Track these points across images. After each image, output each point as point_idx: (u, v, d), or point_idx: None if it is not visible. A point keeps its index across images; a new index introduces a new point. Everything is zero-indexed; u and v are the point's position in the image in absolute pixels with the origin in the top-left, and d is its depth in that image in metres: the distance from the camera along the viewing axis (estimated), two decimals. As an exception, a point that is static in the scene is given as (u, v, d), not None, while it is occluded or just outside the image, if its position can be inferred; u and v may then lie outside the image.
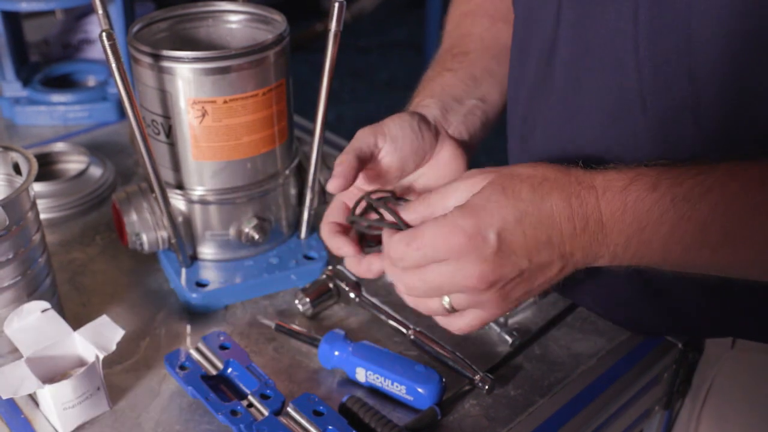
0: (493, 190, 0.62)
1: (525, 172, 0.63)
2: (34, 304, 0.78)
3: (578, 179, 0.61)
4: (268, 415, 0.72)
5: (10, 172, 0.84)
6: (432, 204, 0.67)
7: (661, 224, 0.59)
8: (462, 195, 0.65)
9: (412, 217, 0.69)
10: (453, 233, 0.61)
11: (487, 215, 0.61)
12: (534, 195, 0.61)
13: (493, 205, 0.61)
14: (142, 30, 0.89)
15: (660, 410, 0.90)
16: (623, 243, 0.61)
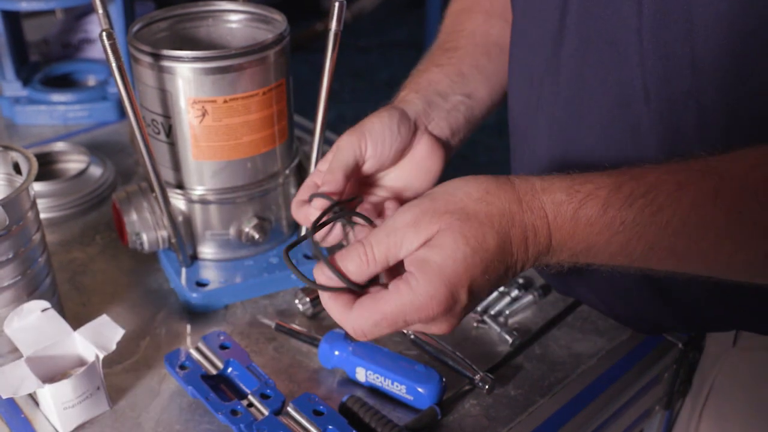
0: (455, 243, 0.57)
1: (480, 209, 0.58)
2: (34, 303, 0.78)
3: (530, 206, 0.59)
4: (268, 414, 0.72)
5: (10, 171, 0.84)
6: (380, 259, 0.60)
7: (609, 245, 0.59)
8: (411, 244, 0.59)
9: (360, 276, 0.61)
10: (426, 304, 0.57)
11: (456, 278, 0.57)
12: (497, 239, 0.58)
13: (461, 265, 0.57)
14: (142, 29, 0.89)
15: (660, 410, 0.90)
16: (568, 257, 0.61)
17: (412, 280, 0.57)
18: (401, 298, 0.57)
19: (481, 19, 0.92)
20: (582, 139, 0.76)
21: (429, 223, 0.58)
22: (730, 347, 0.84)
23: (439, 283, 0.57)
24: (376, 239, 0.59)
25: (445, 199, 0.59)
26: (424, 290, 0.57)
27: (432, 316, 0.58)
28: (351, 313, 0.59)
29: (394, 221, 0.59)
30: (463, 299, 0.58)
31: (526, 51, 0.82)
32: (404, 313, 0.58)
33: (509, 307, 0.89)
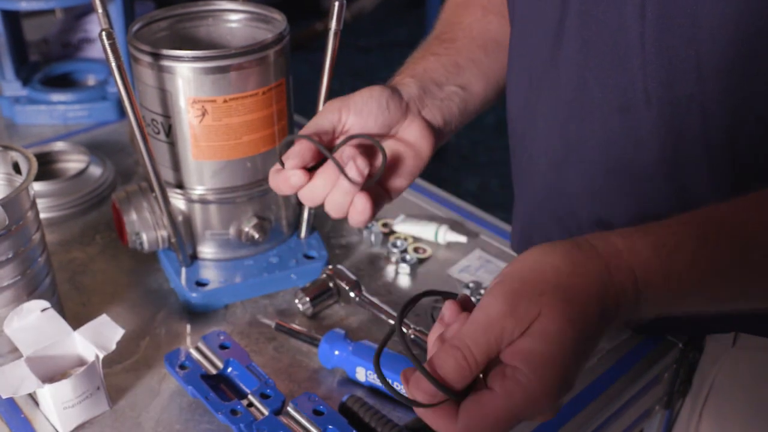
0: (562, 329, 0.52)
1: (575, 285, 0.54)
2: (34, 303, 0.78)
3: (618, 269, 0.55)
4: (268, 414, 0.72)
5: (9, 171, 0.84)
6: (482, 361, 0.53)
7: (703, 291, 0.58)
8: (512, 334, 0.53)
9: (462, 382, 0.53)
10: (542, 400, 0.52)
11: (570, 371, 0.53)
12: (598, 314, 0.54)
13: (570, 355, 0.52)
14: (142, 29, 0.89)
15: (660, 410, 0.90)
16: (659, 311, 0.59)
17: (520, 377, 0.52)
18: (513, 398, 0.52)
19: (479, 14, 0.92)
20: (582, 142, 0.76)
21: (528, 308, 0.52)
22: (730, 347, 0.84)
23: (551, 374, 0.52)
24: (473, 339, 0.52)
25: (535, 277, 0.54)
26: (538, 386, 0.51)
27: (545, 410, 0.53)
28: (457, 424, 0.53)
29: (487, 314, 0.53)
30: (572, 383, 0.54)
31: (524, 53, 0.82)
32: (518, 414, 0.52)
33: (509, 306, 0.89)
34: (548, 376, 0.51)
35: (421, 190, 1.13)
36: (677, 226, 0.58)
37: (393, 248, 0.98)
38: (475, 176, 3.14)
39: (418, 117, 0.81)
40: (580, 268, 0.54)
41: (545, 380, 0.51)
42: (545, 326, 0.52)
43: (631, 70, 0.69)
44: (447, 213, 1.08)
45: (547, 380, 0.51)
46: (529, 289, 0.53)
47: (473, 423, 0.52)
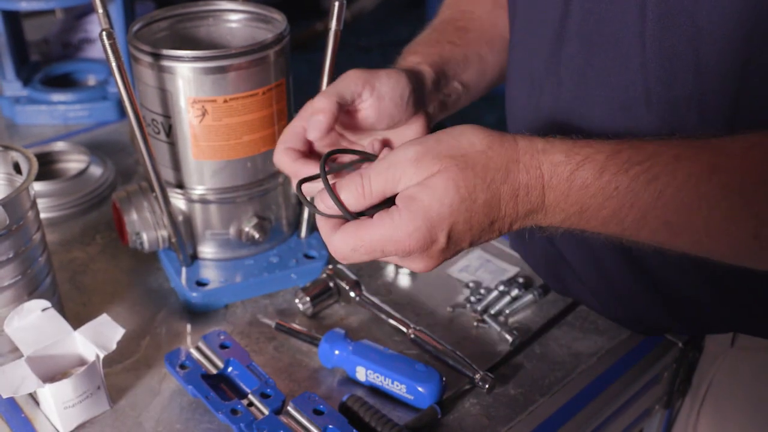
0: (446, 188, 0.59)
1: (478, 161, 0.59)
2: (35, 303, 0.78)
3: (526, 166, 0.60)
4: (268, 414, 0.72)
5: (10, 171, 0.84)
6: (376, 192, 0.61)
7: (602, 209, 0.59)
8: (410, 180, 0.60)
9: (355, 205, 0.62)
10: (403, 239, 0.59)
11: (438, 219, 0.59)
12: (486, 193, 0.59)
13: (446, 209, 0.59)
14: (142, 29, 0.89)
15: (660, 409, 0.90)
16: (560, 219, 0.61)
17: (395, 214, 0.59)
18: (382, 228, 0.59)
19: (489, 6, 0.93)
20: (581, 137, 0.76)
21: (430, 163, 0.59)
22: (729, 347, 0.84)
23: (420, 221, 0.58)
24: (376, 172, 0.60)
25: (449, 143, 0.60)
26: (404, 225, 0.59)
27: (408, 251, 0.60)
28: (334, 235, 0.61)
29: (396, 156, 0.60)
30: (442, 241, 0.60)
31: (526, 52, 0.82)
32: (382, 244, 0.60)
33: (509, 306, 0.89)
34: (418, 220, 0.58)
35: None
36: (597, 142, 0.60)
37: (393, 248, 0.98)
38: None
39: (422, 114, 0.82)
40: (491, 151, 0.60)
41: (413, 222, 0.58)
42: (435, 182, 0.59)
43: (632, 69, 0.69)
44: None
45: (414, 223, 0.58)
46: (439, 149, 0.60)
47: (346, 236, 0.61)
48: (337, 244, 0.61)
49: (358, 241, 0.60)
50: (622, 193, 0.58)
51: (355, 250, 0.61)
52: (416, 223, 0.59)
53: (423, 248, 0.60)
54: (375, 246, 0.60)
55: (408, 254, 0.61)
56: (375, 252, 0.61)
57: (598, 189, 0.59)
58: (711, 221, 0.58)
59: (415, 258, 0.61)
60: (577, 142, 0.60)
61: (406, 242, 0.59)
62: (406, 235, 0.59)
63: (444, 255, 0.62)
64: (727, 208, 0.57)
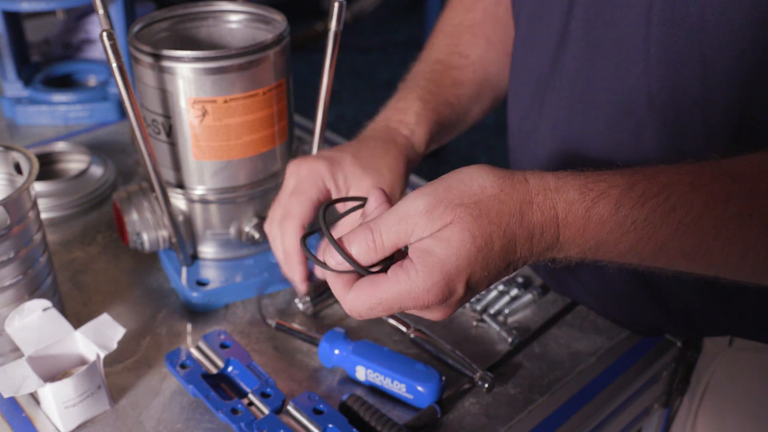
0: (462, 240, 0.56)
1: (492, 208, 0.57)
2: (36, 302, 0.78)
3: (540, 207, 0.58)
4: (268, 413, 0.72)
5: (11, 171, 0.84)
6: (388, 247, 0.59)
7: (620, 243, 0.58)
8: (422, 232, 0.58)
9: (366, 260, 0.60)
10: (421, 295, 0.57)
11: (456, 273, 0.57)
12: (503, 241, 0.57)
13: (465, 262, 0.57)
14: (142, 30, 0.89)
15: (659, 408, 0.90)
16: (576, 254, 0.60)
17: (411, 270, 0.57)
18: (399, 285, 0.57)
19: (483, 47, 0.95)
20: (584, 144, 0.76)
21: (442, 213, 0.57)
22: (727, 347, 0.84)
23: (438, 276, 0.56)
24: (386, 225, 0.58)
25: (459, 189, 0.58)
26: (421, 281, 0.57)
27: (427, 305, 0.58)
28: (349, 293, 0.59)
29: (406, 208, 0.58)
30: (460, 292, 0.58)
31: (529, 55, 0.82)
32: (399, 301, 0.58)
33: (509, 306, 0.90)
34: (434, 276, 0.56)
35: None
36: (609, 175, 0.59)
37: (393, 248, 0.99)
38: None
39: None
40: (503, 194, 0.58)
41: (430, 278, 0.56)
42: (450, 234, 0.56)
43: (635, 73, 0.69)
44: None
45: (431, 279, 0.56)
46: (450, 197, 0.57)
47: (361, 294, 0.58)
48: (353, 303, 0.59)
49: (374, 300, 0.58)
50: (639, 226, 0.57)
51: (372, 309, 0.58)
52: (434, 278, 0.56)
53: (441, 301, 0.58)
54: (393, 304, 0.58)
55: (427, 308, 0.59)
56: (393, 309, 0.58)
57: (615, 224, 0.57)
58: (730, 248, 0.58)
59: (433, 310, 0.59)
60: (589, 177, 0.59)
61: (425, 298, 0.57)
62: (425, 291, 0.57)
63: (462, 302, 0.60)
64: (745, 234, 0.57)
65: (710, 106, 0.66)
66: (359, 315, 0.60)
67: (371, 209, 0.63)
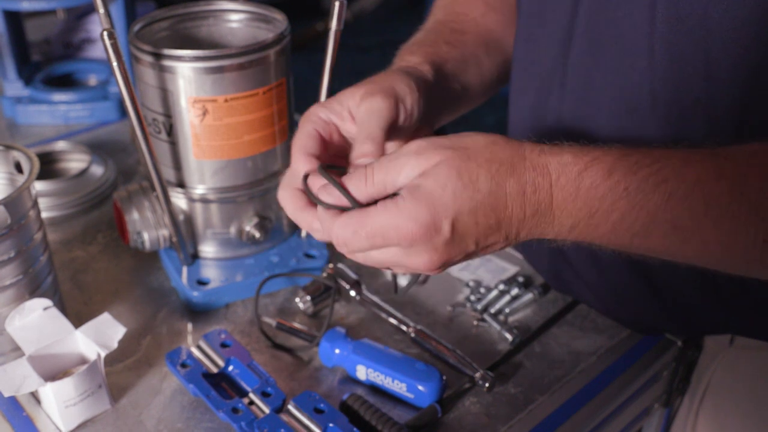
0: (449, 176, 0.58)
1: (481, 154, 0.59)
2: (36, 302, 0.78)
3: (533, 164, 0.59)
4: (269, 412, 0.72)
5: (11, 170, 0.84)
6: (379, 182, 0.60)
7: (612, 212, 0.58)
8: (412, 171, 0.59)
9: (358, 195, 0.61)
10: (406, 224, 0.57)
11: (442, 206, 0.57)
12: (490, 183, 0.58)
13: (449, 196, 0.57)
14: (143, 29, 0.89)
15: (659, 408, 0.90)
16: (570, 225, 0.60)
17: (399, 200, 0.58)
18: (386, 213, 0.58)
19: (482, 9, 0.92)
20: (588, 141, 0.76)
21: (432, 154, 0.59)
22: (728, 346, 0.84)
23: (424, 206, 0.57)
24: (379, 164, 0.60)
25: (452, 138, 0.60)
26: (407, 211, 0.57)
27: (411, 239, 0.58)
28: (337, 220, 0.60)
29: (400, 150, 0.61)
30: (446, 231, 0.58)
31: (533, 51, 0.82)
32: (384, 229, 0.58)
33: (509, 305, 0.90)
34: (421, 205, 0.57)
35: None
36: (605, 146, 0.60)
37: (393, 247, 0.99)
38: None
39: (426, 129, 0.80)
40: (495, 146, 0.60)
41: (417, 208, 0.57)
42: (437, 170, 0.58)
43: (639, 70, 0.69)
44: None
45: (418, 208, 0.57)
46: (441, 142, 0.60)
47: (349, 221, 0.60)
48: (339, 229, 0.60)
49: (359, 226, 0.59)
50: (631, 194, 0.58)
51: (355, 233, 0.59)
52: (419, 208, 0.57)
53: (426, 237, 0.58)
54: (377, 232, 0.58)
55: (411, 243, 0.58)
56: (376, 238, 0.59)
57: (607, 189, 0.58)
58: (720, 225, 0.58)
59: (419, 250, 0.59)
60: (584, 146, 0.60)
61: (409, 227, 0.57)
62: (408, 220, 0.57)
63: (449, 250, 0.59)
64: (735, 212, 0.57)
65: (713, 103, 0.66)
66: (343, 241, 0.60)
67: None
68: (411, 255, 0.60)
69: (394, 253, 0.60)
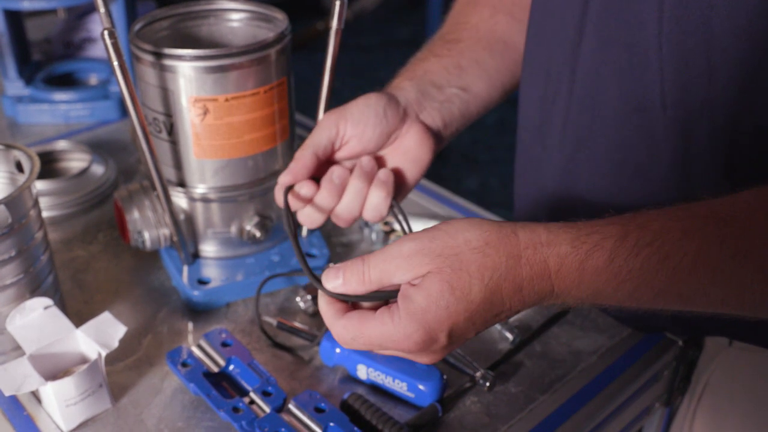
0: (441, 291, 0.58)
1: (473, 261, 0.58)
2: (37, 301, 0.78)
3: (530, 262, 0.58)
4: (269, 412, 0.72)
5: (12, 170, 0.84)
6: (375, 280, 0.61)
7: (618, 291, 0.58)
8: (404, 275, 0.59)
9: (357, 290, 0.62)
10: (403, 340, 0.59)
11: (436, 322, 0.58)
12: (484, 292, 0.58)
13: (444, 312, 0.58)
14: (143, 28, 0.89)
15: (660, 407, 0.90)
16: (575, 302, 0.60)
17: (395, 315, 0.59)
18: (381, 327, 0.59)
19: (487, 14, 0.92)
20: (595, 139, 0.76)
21: (420, 263, 0.59)
22: (727, 346, 0.84)
23: (418, 325, 0.58)
24: (374, 262, 0.61)
25: (443, 241, 0.59)
26: (402, 328, 0.58)
27: (407, 351, 0.60)
28: (338, 321, 0.62)
29: (392, 249, 0.60)
30: (442, 341, 0.59)
31: (543, 47, 0.81)
32: (380, 340, 0.60)
33: (510, 304, 0.89)
34: (415, 324, 0.58)
35: (422, 188, 1.14)
36: (602, 226, 0.59)
37: (394, 246, 0.99)
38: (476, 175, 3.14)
39: (417, 122, 0.81)
40: (488, 248, 0.58)
41: (411, 326, 0.58)
42: (429, 284, 0.58)
43: (650, 70, 0.69)
44: (448, 211, 1.09)
45: (413, 327, 0.58)
46: (432, 247, 0.59)
47: (348, 326, 0.61)
48: (340, 331, 0.61)
49: (357, 333, 0.60)
50: (635, 275, 0.57)
51: (354, 340, 0.61)
52: (414, 326, 0.58)
53: (422, 349, 0.60)
54: (374, 341, 0.60)
55: (409, 353, 0.61)
56: (373, 346, 0.61)
57: (610, 275, 0.58)
58: (728, 289, 0.58)
59: (419, 355, 0.61)
60: (581, 229, 0.59)
61: (405, 343, 0.59)
62: (405, 337, 0.59)
63: (448, 350, 0.61)
64: (742, 276, 0.57)
65: (714, 107, 0.66)
66: (344, 343, 0.62)
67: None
68: (413, 357, 0.62)
69: (396, 353, 0.62)
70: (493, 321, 0.60)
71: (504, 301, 0.59)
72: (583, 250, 0.58)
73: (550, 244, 0.58)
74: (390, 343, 0.60)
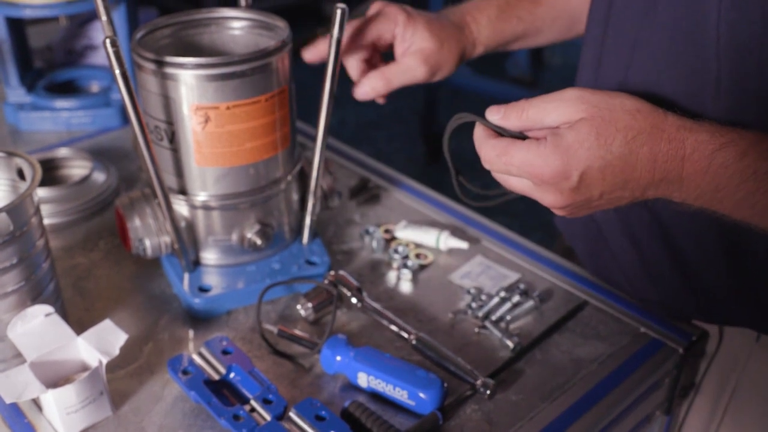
0: (588, 133, 0.64)
1: (622, 119, 0.64)
2: (38, 308, 0.78)
3: (670, 137, 0.63)
4: (270, 419, 0.72)
5: (14, 177, 0.84)
6: (531, 117, 0.68)
7: (737, 191, 0.62)
8: (559, 117, 0.66)
9: (511, 124, 0.70)
10: (541, 166, 0.65)
11: (575, 158, 0.64)
12: (624, 149, 0.63)
13: (584, 152, 0.64)
14: (145, 36, 0.89)
15: (661, 415, 0.90)
16: (695, 195, 0.64)
17: (542, 143, 0.66)
18: (527, 152, 0.66)
19: None
20: None
21: (577, 109, 0.65)
22: (754, 343, 0.84)
23: (560, 155, 0.64)
24: (535, 102, 0.68)
25: (602, 98, 0.66)
26: (545, 155, 0.65)
27: (541, 178, 0.66)
28: (488, 141, 0.69)
29: (554, 94, 0.68)
30: (574, 180, 0.65)
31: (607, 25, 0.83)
32: (521, 162, 0.66)
33: (510, 312, 0.90)
34: (558, 153, 0.65)
35: (423, 195, 1.14)
36: (740, 129, 0.64)
37: (394, 254, 0.99)
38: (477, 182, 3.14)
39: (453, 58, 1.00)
40: (639, 114, 0.65)
41: (553, 155, 0.65)
42: (581, 126, 0.65)
43: (707, 57, 0.70)
44: (448, 219, 1.09)
45: (553, 155, 0.65)
46: (591, 99, 0.66)
47: (495, 144, 0.69)
48: (488, 150, 0.68)
49: (503, 153, 0.67)
50: (760, 177, 0.61)
51: (498, 158, 0.67)
52: (556, 155, 0.64)
53: (555, 180, 0.65)
54: (515, 162, 0.66)
55: (541, 182, 0.66)
56: (512, 166, 0.67)
57: (736, 171, 0.61)
58: None
59: (547, 189, 0.67)
60: (723, 127, 0.63)
61: (541, 169, 0.65)
62: (544, 164, 0.65)
63: (574, 196, 0.66)
64: None
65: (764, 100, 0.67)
66: (487, 159, 0.69)
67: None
68: (540, 191, 0.68)
69: (527, 184, 0.68)
70: (620, 189, 0.65)
71: (636, 167, 0.64)
72: (720, 141, 0.62)
73: (692, 130, 0.63)
74: (528, 167, 0.66)
